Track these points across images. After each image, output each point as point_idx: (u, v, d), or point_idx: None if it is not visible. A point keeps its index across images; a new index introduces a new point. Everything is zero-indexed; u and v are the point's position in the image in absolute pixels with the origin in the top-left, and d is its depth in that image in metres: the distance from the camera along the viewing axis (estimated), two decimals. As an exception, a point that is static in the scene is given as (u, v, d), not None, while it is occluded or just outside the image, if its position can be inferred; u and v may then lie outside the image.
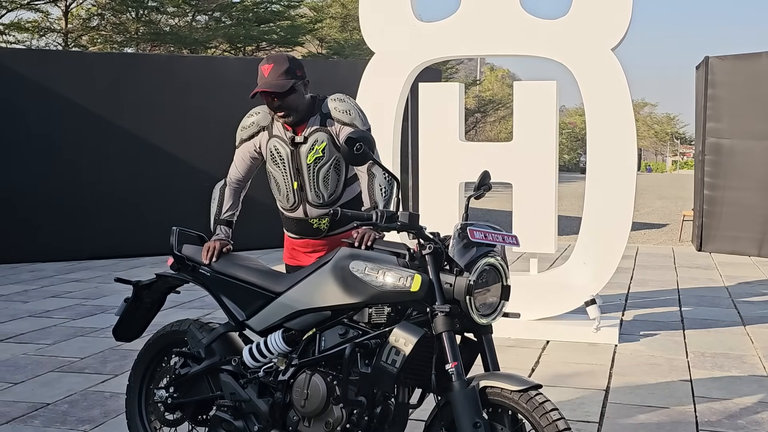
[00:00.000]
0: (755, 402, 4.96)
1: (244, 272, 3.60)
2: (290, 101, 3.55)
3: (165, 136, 11.86)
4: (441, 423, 3.03)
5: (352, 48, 40.19)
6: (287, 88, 3.50)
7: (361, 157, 3.10)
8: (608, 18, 6.28)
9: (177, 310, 7.20)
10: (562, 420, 2.83)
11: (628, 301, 8.17)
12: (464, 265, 3.01)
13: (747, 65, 11.64)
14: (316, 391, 3.22)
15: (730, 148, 11.75)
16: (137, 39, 31.80)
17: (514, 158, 6.56)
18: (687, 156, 74.41)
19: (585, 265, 6.44)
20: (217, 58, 19.21)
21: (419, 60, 6.76)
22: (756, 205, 11.46)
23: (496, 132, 58.29)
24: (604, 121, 6.34)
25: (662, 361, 5.90)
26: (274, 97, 3.53)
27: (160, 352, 3.89)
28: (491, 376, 2.99)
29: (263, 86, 3.52)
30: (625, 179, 6.31)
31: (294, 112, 3.58)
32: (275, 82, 3.50)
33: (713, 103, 11.94)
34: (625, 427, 4.52)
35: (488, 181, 3.52)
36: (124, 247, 11.56)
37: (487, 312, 3.06)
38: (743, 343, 6.45)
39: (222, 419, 3.50)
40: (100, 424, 4.53)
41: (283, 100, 3.53)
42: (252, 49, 34.00)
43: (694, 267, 10.54)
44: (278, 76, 3.51)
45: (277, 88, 3.49)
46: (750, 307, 7.86)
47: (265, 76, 3.53)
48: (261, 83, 3.53)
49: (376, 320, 3.17)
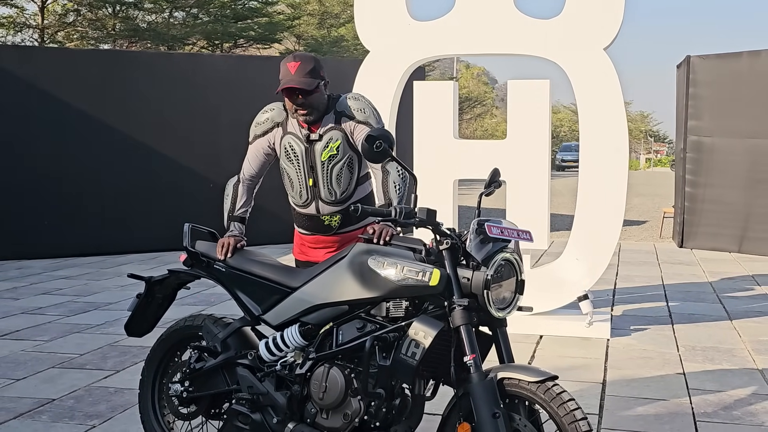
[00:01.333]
0: (749, 394, 5.09)
1: (259, 268, 3.66)
2: (313, 99, 3.62)
3: (150, 134, 11.84)
4: (459, 413, 3.11)
5: (330, 45, 40.23)
6: (314, 86, 3.57)
7: (381, 154, 3.17)
8: (601, 18, 6.39)
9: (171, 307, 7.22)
10: (579, 410, 2.92)
11: (615, 296, 8.30)
12: (481, 259, 3.09)
13: (728, 65, 11.83)
14: (334, 384, 3.29)
15: (711, 146, 11.94)
16: (114, 35, 31.60)
17: (508, 156, 6.65)
18: (661, 153, 75.16)
19: (578, 261, 6.55)
20: (203, 55, 19.18)
21: (414, 58, 6.84)
22: (736, 202, 11.66)
23: (472, 130, 58.58)
24: (596, 120, 6.45)
25: (654, 354, 6.02)
26: (300, 94, 3.59)
27: (173, 347, 3.94)
28: (508, 367, 3.08)
29: (291, 82, 3.57)
30: (617, 176, 6.42)
31: (315, 111, 3.66)
32: (303, 79, 3.57)
33: (694, 102, 12.12)
34: (626, 418, 4.63)
35: (498, 177, 3.60)
36: (110, 245, 11.54)
37: (502, 306, 3.15)
38: (731, 336, 6.60)
39: (239, 412, 3.56)
40: (108, 419, 4.56)
41: (307, 98, 3.60)
42: (230, 45, 33.92)
43: (677, 263, 10.71)
44: (305, 74, 3.58)
45: (305, 85, 3.56)
46: (735, 302, 8.02)
47: (291, 73, 3.59)
48: (288, 79, 3.59)
49: (394, 314, 3.24)
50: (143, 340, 6.09)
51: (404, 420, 3.24)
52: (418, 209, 3.17)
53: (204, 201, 11.60)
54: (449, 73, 54.81)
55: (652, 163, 70.12)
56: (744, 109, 11.46)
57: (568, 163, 45.07)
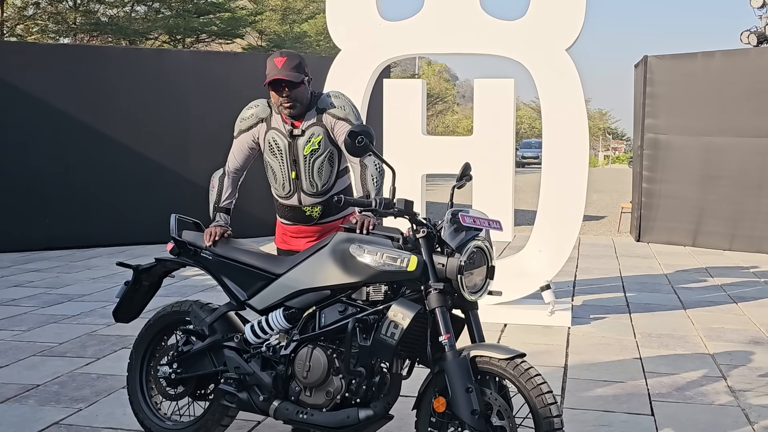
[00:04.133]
0: (700, 376, 5.41)
1: (244, 256, 3.87)
2: (297, 93, 3.85)
3: (118, 128, 11.93)
4: (435, 389, 3.36)
5: (293, 41, 40.20)
6: (300, 80, 3.80)
7: (362, 149, 3.41)
8: (563, 20, 6.67)
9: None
10: (545, 384, 3.19)
11: (576, 287, 8.63)
12: (455, 247, 3.34)
13: (684, 65, 12.24)
14: (317, 364, 3.52)
15: (667, 144, 12.35)
16: (75, 29, 31.38)
17: (474, 151, 6.90)
18: (619, 151, 76.18)
19: (540, 253, 6.84)
20: (171, 51, 19.21)
21: (384, 57, 7.07)
22: (691, 197, 12.09)
23: (434, 126, 58.89)
24: (558, 118, 6.74)
25: (613, 341, 6.33)
26: (286, 86, 3.81)
27: (160, 331, 4.14)
28: (480, 346, 3.33)
29: (279, 75, 3.79)
30: (578, 172, 6.72)
31: (299, 104, 3.88)
32: (289, 72, 3.80)
33: (651, 101, 12.52)
34: (586, 399, 4.91)
35: (469, 171, 3.85)
36: (77, 238, 11.62)
37: (475, 290, 3.41)
38: (685, 325, 6.93)
39: (226, 392, 3.77)
40: (93, 403, 4.74)
41: (292, 92, 3.83)
42: (192, 40, 33.84)
43: (634, 256, 11.09)
44: (291, 69, 3.81)
45: (292, 78, 3.79)
46: (688, 293, 8.38)
47: (278, 68, 3.82)
48: (275, 72, 3.81)
49: (373, 298, 3.48)
50: (120, 330, 6.31)
51: (383, 397, 3.47)
52: (397, 200, 3.42)
53: (172, 194, 11.77)
54: (411, 71, 55.12)
55: (611, 160, 71.07)
56: (698, 108, 11.89)
57: (529, 160, 45.49)
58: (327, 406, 3.52)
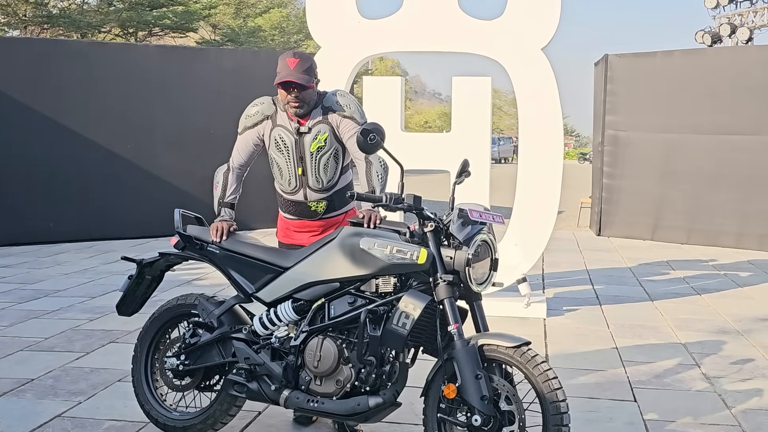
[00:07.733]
0: (675, 364, 5.64)
1: (251, 249, 3.97)
2: (306, 95, 3.96)
3: (82, 122, 11.86)
4: (444, 376, 3.50)
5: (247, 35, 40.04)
6: (310, 83, 3.91)
7: (374, 146, 3.54)
8: (539, 19, 6.86)
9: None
10: (551, 370, 3.35)
11: (545, 281, 8.85)
12: (463, 240, 3.49)
13: (643, 63, 12.57)
14: (328, 353, 3.64)
15: (627, 140, 12.66)
16: (26, 21, 30.88)
17: (452, 148, 7.07)
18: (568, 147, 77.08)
19: (516, 247, 7.03)
20: (136, 45, 19.09)
21: (363, 54, 7.19)
22: (650, 192, 12.43)
23: (387, 121, 59.03)
24: (534, 115, 6.93)
25: (588, 332, 6.55)
26: (295, 87, 3.91)
27: (164, 324, 4.21)
28: (487, 335, 3.49)
29: (290, 77, 3.89)
30: (553, 168, 6.93)
31: (306, 105, 3.99)
32: (301, 75, 3.90)
33: (612, 98, 12.83)
34: (570, 386, 5.07)
35: (468, 168, 4.02)
36: (43, 233, 11.53)
37: (480, 281, 3.56)
38: (655, 315, 7.19)
39: (235, 382, 3.87)
40: (92, 396, 4.79)
41: (301, 93, 3.94)
42: (144, 34, 33.54)
43: (597, 250, 11.38)
44: (303, 72, 3.91)
45: (303, 80, 3.89)
46: (653, 285, 8.66)
47: (290, 69, 3.91)
48: (286, 73, 3.91)
49: (383, 290, 3.61)
50: (105, 325, 6.36)
51: (391, 385, 3.61)
52: (405, 195, 3.56)
53: (138, 189, 11.75)
54: (365, 66, 55.22)
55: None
56: (658, 106, 12.23)
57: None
58: (337, 395, 3.65)
